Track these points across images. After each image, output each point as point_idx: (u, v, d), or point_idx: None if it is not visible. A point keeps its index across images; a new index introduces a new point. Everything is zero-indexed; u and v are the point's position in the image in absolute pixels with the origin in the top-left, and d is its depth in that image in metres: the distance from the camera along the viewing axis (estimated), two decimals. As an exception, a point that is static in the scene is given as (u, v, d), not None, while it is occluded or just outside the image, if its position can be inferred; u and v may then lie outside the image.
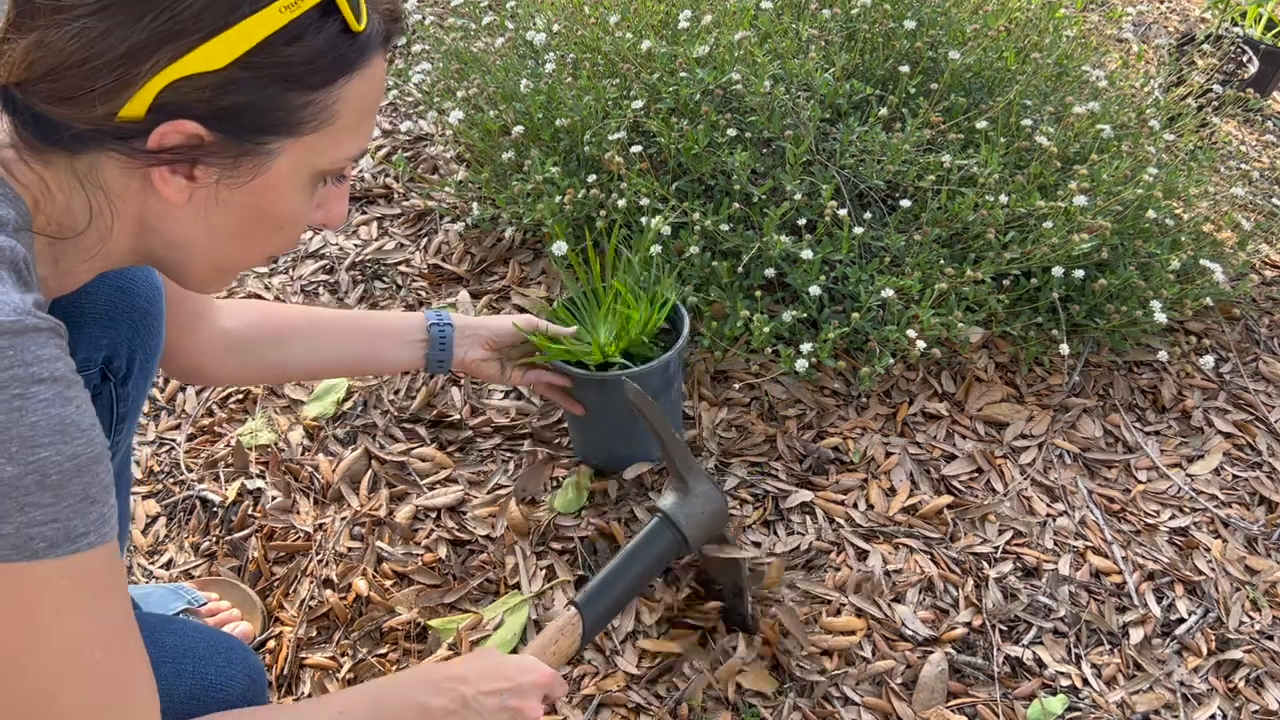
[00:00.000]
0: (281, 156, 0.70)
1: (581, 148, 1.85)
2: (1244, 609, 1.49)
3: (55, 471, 0.61)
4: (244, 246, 0.77)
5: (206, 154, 0.68)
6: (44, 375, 0.62)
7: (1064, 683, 1.38)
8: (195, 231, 0.73)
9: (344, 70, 0.69)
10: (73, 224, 0.71)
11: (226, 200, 0.71)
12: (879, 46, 1.93)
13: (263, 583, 1.46)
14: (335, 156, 0.73)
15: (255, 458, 1.63)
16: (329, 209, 0.80)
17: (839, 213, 1.67)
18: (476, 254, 2.00)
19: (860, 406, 1.74)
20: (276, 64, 0.65)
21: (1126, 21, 2.56)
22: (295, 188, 0.73)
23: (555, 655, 1.10)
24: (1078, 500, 1.62)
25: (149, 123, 0.65)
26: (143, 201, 0.71)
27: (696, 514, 1.22)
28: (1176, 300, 1.79)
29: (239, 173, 0.70)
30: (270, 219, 0.74)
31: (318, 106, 0.69)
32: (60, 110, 0.65)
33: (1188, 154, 2.03)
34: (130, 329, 0.98)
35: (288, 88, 0.67)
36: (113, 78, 0.63)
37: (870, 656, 1.37)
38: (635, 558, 1.20)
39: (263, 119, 0.67)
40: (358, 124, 0.73)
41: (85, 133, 0.66)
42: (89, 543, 0.64)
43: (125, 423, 1.07)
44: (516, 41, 2.03)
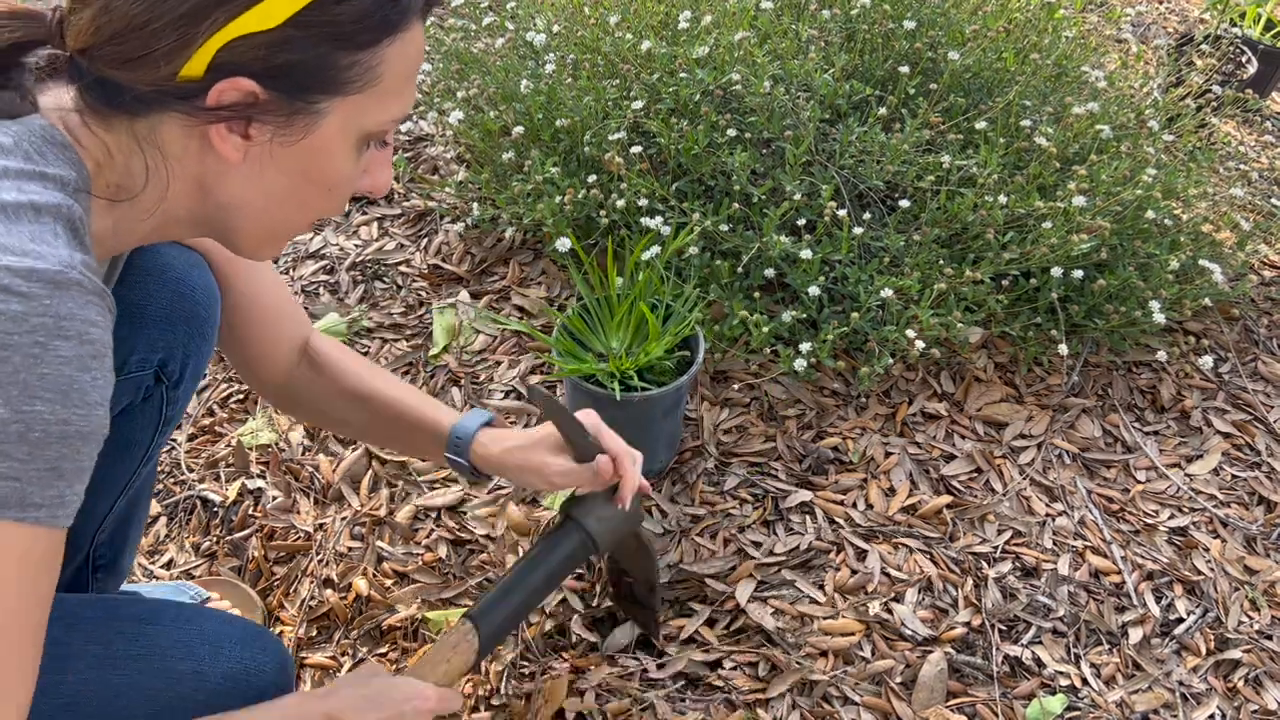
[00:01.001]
0: (330, 116, 0.73)
1: (581, 148, 1.85)
2: (1243, 609, 1.50)
3: (40, 429, 0.61)
4: (295, 207, 0.79)
5: (261, 112, 0.70)
6: (71, 333, 0.62)
7: (1063, 682, 1.38)
8: (250, 191, 0.76)
9: (388, 31, 0.72)
10: (131, 185, 0.73)
11: (280, 159, 0.74)
12: (879, 47, 1.93)
13: (263, 582, 1.47)
14: (380, 118, 0.76)
15: (256, 458, 1.64)
16: (374, 175, 0.82)
17: (838, 213, 1.67)
18: (477, 254, 2.00)
19: (860, 406, 1.74)
20: (326, 23, 0.68)
21: (1125, 22, 2.56)
22: (344, 148, 0.76)
23: (448, 672, 1.04)
24: (1077, 500, 1.63)
25: (208, 81, 0.68)
26: (201, 162, 0.73)
27: (607, 515, 1.14)
28: (1175, 300, 1.79)
29: (291, 131, 0.72)
30: (320, 179, 0.77)
31: (363, 66, 0.72)
32: (125, 73, 0.68)
33: (1187, 154, 2.03)
34: (187, 334, 1.00)
35: (336, 46, 0.70)
36: (174, 38, 0.66)
37: (870, 656, 1.38)
38: (538, 563, 1.13)
39: (313, 77, 0.70)
40: (401, 86, 0.75)
41: (148, 94, 0.69)
42: (36, 518, 0.63)
43: (169, 425, 1.08)
44: (516, 42, 2.04)
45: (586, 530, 1.13)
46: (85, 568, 1.15)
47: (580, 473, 1.10)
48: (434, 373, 1.76)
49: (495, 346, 1.82)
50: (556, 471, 1.09)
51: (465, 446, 1.11)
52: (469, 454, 1.11)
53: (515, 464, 1.11)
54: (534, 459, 1.10)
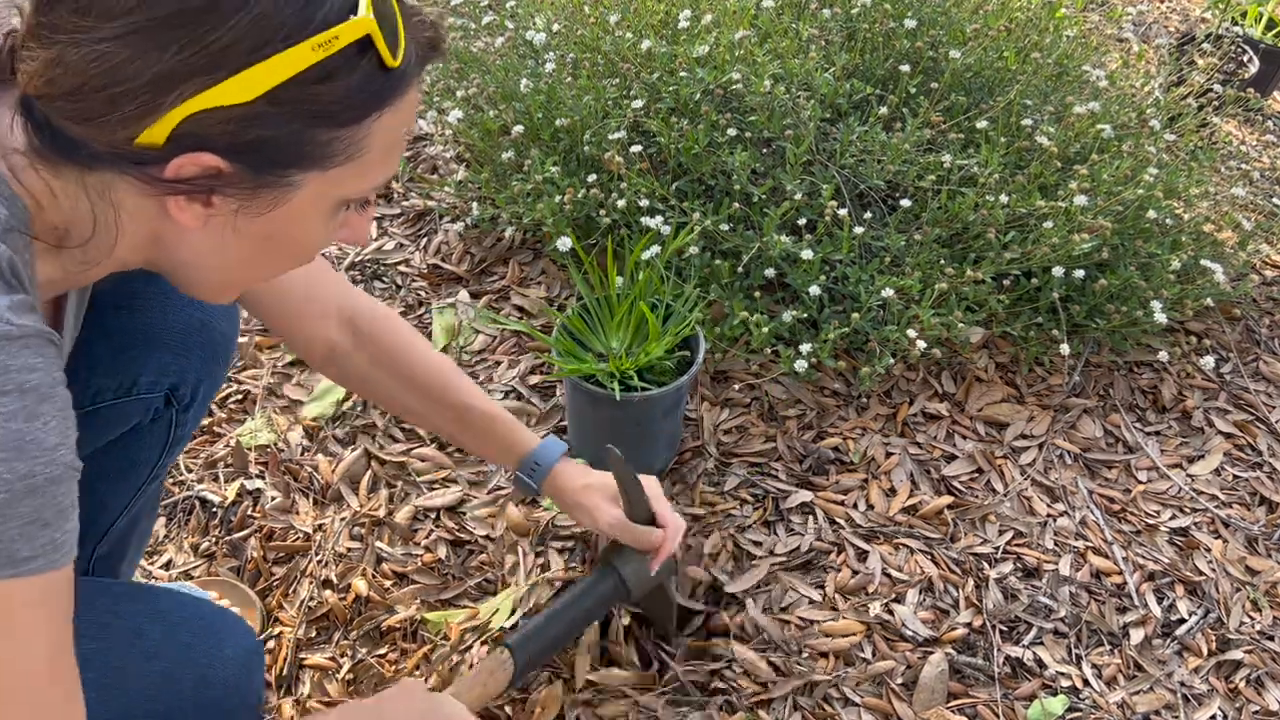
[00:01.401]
0: (304, 188, 0.68)
1: (581, 147, 1.85)
2: (1244, 609, 1.49)
3: (4, 490, 0.59)
4: (258, 269, 0.75)
5: (225, 184, 0.65)
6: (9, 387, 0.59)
7: (1064, 683, 1.37)
8: (209, 254, 0.71)
9: (375, 106, 0.66)
10: (77, 233, 0.68)
11: (243, 229, 0.69)
12: (879, 46, 1.92)
13: (262, 583, 1.46)
14: (360, 187, 0.71)
15: (255, 458, 1.63)
16: (353, 228, 0.77)
17: (839, 213, 1.66)
18: (476, 254, 2.00)
19: (860, 407, 1.73)
20: (305, 101, 0.63)
21: (1127, 21, 2.56)
22: (315, 217, 0.71)
23: (483, 695, 1.09)
24: (1078, 500, 1.62)
25: (168, 151, 0.63)
26: (158, 222, 0.69)
27: (642, 567, 1.22)
28: (1177, 300, 1.79)
29: (257, 203, 0.67)
30: (287, 246, 0.73)
31: (345, 142, 0.67)
32: (78, 129, 0.63)
33: (1188, 154, 2.03)
34: (202, 359, 0.98)
35: (315, 124, 0.65)
36: (135, 105, 0.61)
37: (870, 657, 1.37)
38: (576, 602, 1.21)
39: (286, 154, 0.65)
40: (385, 156, 0.70)
41: (102, 153, 0.64)
42: (33, 568, 0.61)
43: (176, 447, 1.08)
44: (516, 41, 2.03)
45: (623, 578, 1.22)
46: None
47: (630, 529, 1.19)
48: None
49: (495, 346, 1.82)
50: (607, 521, 1.19)
51: (543, 473, 1.19)
52: (543, 480, 1.20)
53: (576, 502, 1.21)
54: (592, 501, 1.20)
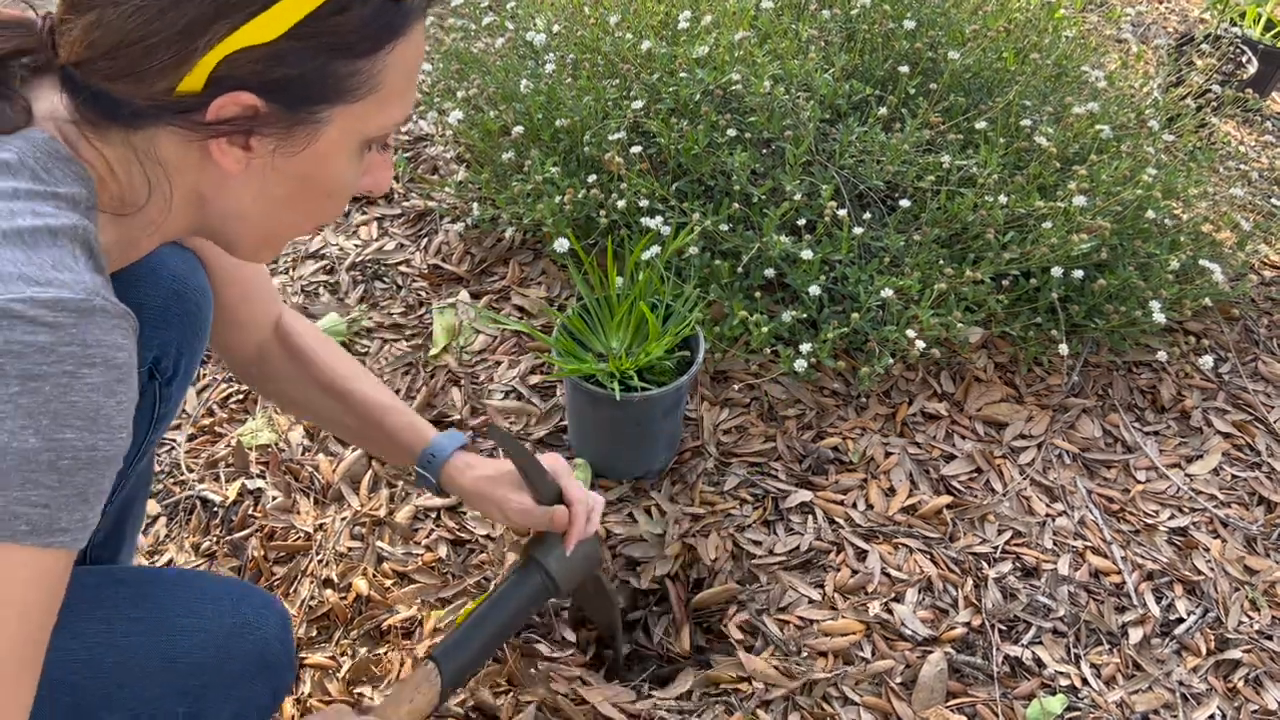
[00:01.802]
0: (332, 124, 0.72)
1: (581, 148, 1.85)
2: (1243, 609, 1.50)
3: (70, 456, 0.61)
4: (296, 214, 0.78)
5: (262, 124, 0.69)
6: (99, 360, 0.62)
7: (1063, 682, 1.38)
8: (250, 201, 0.75)
9: (389, 38, 0.71)
10: (134, 199, 0.72)
11: (281, 169, 0.73)
12: (879, 47, 1.93)
13: (263, 582, 1.46)
14: (382, 122, 0.75)
15: (255, 458, 1.64)
16: (375, 175, 0.82)
17: (839, 213, 1.67)
18: (477, 254, 2.00)
19: (860, 406, 1.74)
20: (325, 33, 0.67)
21: (1125, 22, 2.56)
22: (345, 155, 0.75)
23: (411, 712, 1.06)
24: (1077, 500, 1.63)
25: (206, 96, 0.67)
26: (200, 173, 0.72)
27: (567, 557, 1.17)
28: (1176, 300, 1.79)
29: (292, 142, 0.72)
30: (321, 186, 0.76)
31: (365, 74, 0.71)
32: (120, 87, 0.66)
33: (1187, 154, 2.03)
34: (180, 332, 1.00)
35: (336, 56, 0.69)
36: (170, 53, 0.65)
37: (870, 656, 1.38)
38: (499, 604, 1.16)
39: (313, 88, 0.69)
40: (403, 90, 0.75)
41: (144, 108, 0.67)
42: (62, 542, 0.63)
43: (162, 422, 1.08)
44: (516, 42, 2.04)
45: (547, 571, 1.16)
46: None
47: (537, 514, 1.14)
48: (434, 373, 1.76)
49: (495, 346, 1.82)
50: (514, 509, 1.14)
51: (437, 466, 1.15)
52: (439, 473, 1.15)
53: (478, 493, 1.15)
54: (496, 493, 1.15)
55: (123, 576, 0.90)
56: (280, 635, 0.92)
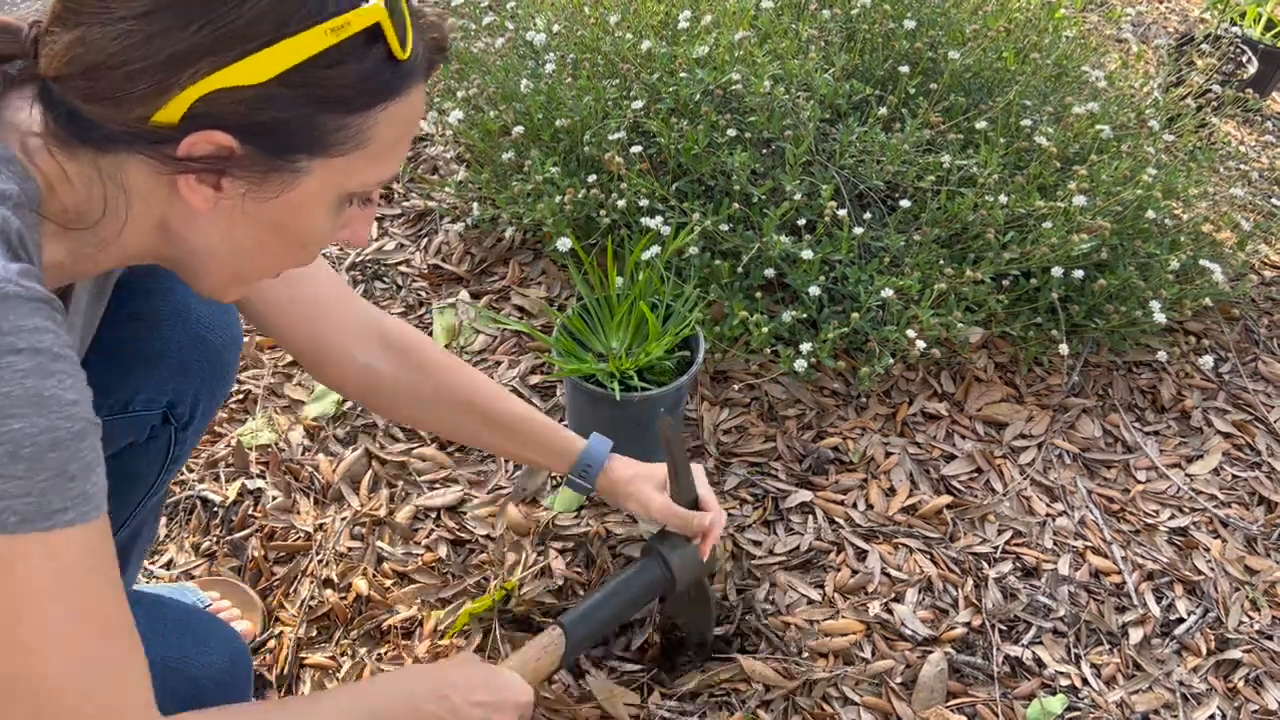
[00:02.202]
0: (311, 175, 0.70)
1: (581, 148, 1.85)
2: (1243, 609, 1.50)
3: (29, 444, 0.60)
4: (263, 260, 0.76)
5: (235, 166, 0.67)
6: (21, 345, 0.61)
7: (1063, 682, 1.38)
8: (216, 240, 0.73)
9: (383, 97, 0.69)
10: (86, 215, 0.70)
11: (251, 213, 0.71)
12: (879, 47, 1.93)
13: (263, 582, 1.46)
14: (366, 179, 0.73)
15: (255, 458, 1.64)
16: (353, 229, 0.79)
17: (839, 213, 1.67)
18: (477, 254, 2.00)
19: (860, 406, 1.74)
20: (316, 85, 0.65)
21: (1126, 22, 2.56)
22: (321, 207, 0.73)
23: (535, 673, 1.10)
24: (1077, 500, 1.63)
25: (181, 130, 0.65)
26: (168, 205, 0.70)
27: (688, 555, 1.23)
28: (1176, 300, 1.79)
29: (266, 188, 0.69)
30: (293, 236, 0.74)
31: (353, 130, 0.69)
32: (95, 109, 0.65)
33: (1187, 154, 2.03)
34: (201, 378, 0.98)
35: (324, 109, 0.67)
36: (151, 82, 0.63)
37: (870, 656, 1.38)
38: (624, 587, 1.22)
39: (296, 138, 0.67)
40: (391, 149, 0.72)
41: (117, 133, 0.66)
42: (67, 519, 0.62)
43: (176, 464, 1.07)
44: (516, 42, 2.04)
45: (669, 565, 1.22)
46: None
47: (677, 513, 1.20)
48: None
49: (495, 346, 1.82)
50: (658, 507, 1.20)
51: (594, 472, 1.22)
52: (595, 478, 1.22)
53: (628, 493, 1.22)
54: (643, 491, 1.21)
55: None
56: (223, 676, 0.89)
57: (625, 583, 1.22)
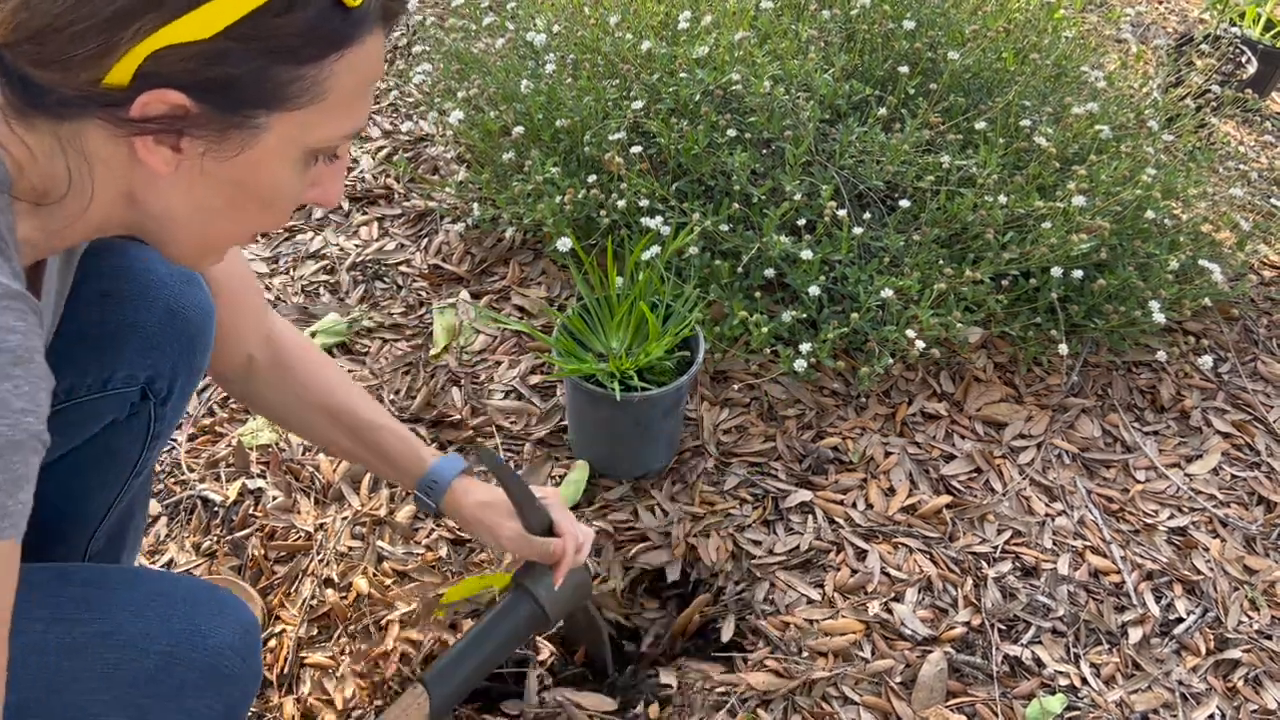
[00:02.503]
0: (269, 131, 0.68)
1: (581, 148, 1.85)
2: (1242, 608, 1.50)
3: None
4: (230, 221, 0.75)
5: (192, 125, 0.66)
6: None
7: (1063, 682, 1.38)
8: (181, 204, 0.71)
9: (336, 45, 0.67)
10: (53, 190, 0.69)
11: (213, 173, 0.69)
12: (878, 47, 1.93)
13: (264, 582, 1.47)
14: (327, 134, 0.71)
15: (256, 457, 1.64)
16: (324, 187, 0.77)
17: (838, 213, 1.67)
18: (477, 254, 2.00)
19: (860, 406, 1.74)
20: (265, 36, 0.64)
21: (1125, 22, 2.56)
22: (284, 164, 0.71)
23: None
24: (1076, 500, 1.63)
25: (133, 90, 0.63)
26: (129, 171, 0.69)
27: (557, 588, 1.16)
28: (1175, 300, 1.79)
29: (225, 146, 0.68)
30: (257, 195, 0.73)
31: (308, 82, 0.67)
32: (46, 74, 0.63)
33: (1186, 155, 2.03)
34: (177, 352, 0.97)
35: (276, 60, 0.65)
36: (96, 43, 0.61)
37: (869, 656, 1.38)
38: (490, 632, 1.15)
39: (250, 92, 0.66)
40: (351, 102, 0.71)
41: (70, 98, 0.64)
42: None
43: (158, 441, 1.06)
44: (517, 42, 2.04)
45: (537, 600, 1.16)
46: None
47: (529, 542, 1.14)
48: (434, 373, 1.77)
49: (495, 346, 1.82)
50: (507, 536, 1.14)
51: (440, 491, 1.15)
52: (439, 498, 1.15)
53: (475, 519, 1.16)
54: (490, 519, 1.15)
55: (75, 575, 0.85)
56: (238, 645, 0.87)
57: (490, 626, 1.15)
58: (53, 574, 0.84)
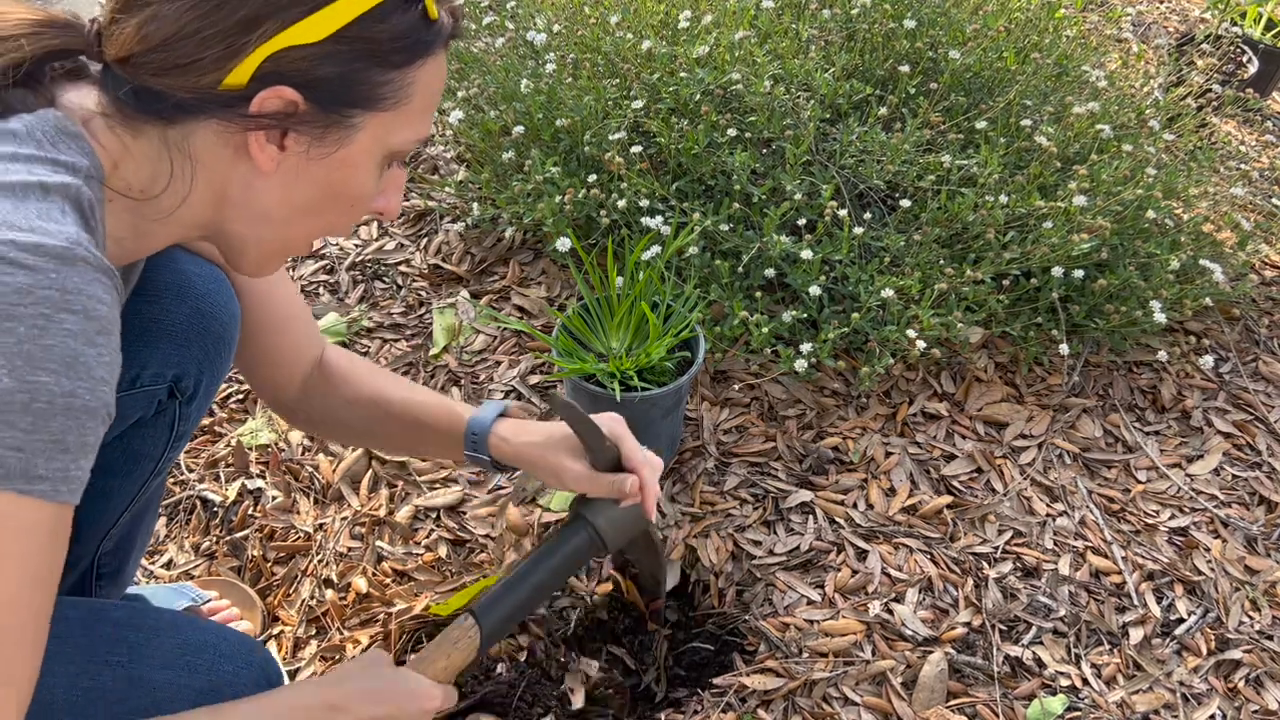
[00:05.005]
0: (362, 131, 0.75)
1: (581, 148, 1.85)
2: (1244, 609, 1.49)
3: (45, 399, 0.61)
4: (315, 221, 0.80)
5: (299, 122, 0.72)
6: (77, 307, 0.63)
7: (1064, 683, 1.38)
8: (276, 203, 0.77)
9: (420, 53, 0.75)
10: (149, 188, 0.74)
11: (310, 172, 0.76)
12: (879, 46, 1.93)
13: (263, 582, 1.46)
14: (406, 136, 0.78)
15: (255, 458, 1.63)
16: (388, 196, 0.84)
17: (839, 213, 1.67)
18: (477, 254, 2.00)
19: (860, 406, 1.74)
20: (366, 39, 0.71)
21: (1126, 21, 2.56)
22: (369, 164, 0.78)
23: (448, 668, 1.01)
24: (1077, 500, 1.63)
25: (251, 90, 0.70)
26: (230, 169, 0.74)
27: (618, 516, 1.10)
28: (1176, 300, 1.79)
29: (325, 143, 0.74)
30: (344, 194, 0.79)
31: (396, 85, 0.74)
32: (167, 80, 0.69)
33: (1187, 154, 2.03)
34: (203, 351, 0.99)
35: (373, 63, 0.72)
36: (223, 46, 0.68)
37: (870, 656, 1.38)
38: (545, 558, 1.10)
39: (350, 92, 0.73)
40: (426, 107, 0.78)
41: (188, 101, 0.70)
42: (42, 490, 0.62)
43: (181, 441, 1.08)
44: (517, 42, 2.04)
45: (596, 529, 1.10)
46: (89, 575, 1.15)
47: (598, 480, 1.07)
48: (434, 372, 1.76)
49: (495, 346, 1.82)
50: (573, 477, 1.07)
51: (483, 441, 1.09)
52: (487, 448, 1.09)
53: (532, 460, 1.09)
54: (551, 460, 1.08)
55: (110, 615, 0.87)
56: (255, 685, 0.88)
57: (543, 556, 1.09)
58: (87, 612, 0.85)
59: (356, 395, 1.12)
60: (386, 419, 1.12)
